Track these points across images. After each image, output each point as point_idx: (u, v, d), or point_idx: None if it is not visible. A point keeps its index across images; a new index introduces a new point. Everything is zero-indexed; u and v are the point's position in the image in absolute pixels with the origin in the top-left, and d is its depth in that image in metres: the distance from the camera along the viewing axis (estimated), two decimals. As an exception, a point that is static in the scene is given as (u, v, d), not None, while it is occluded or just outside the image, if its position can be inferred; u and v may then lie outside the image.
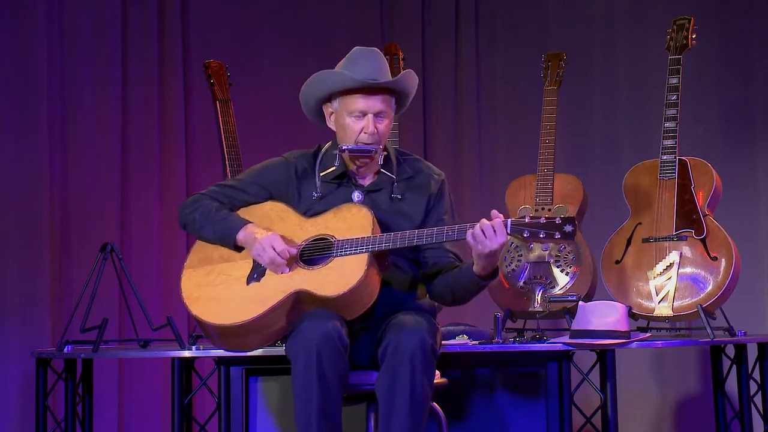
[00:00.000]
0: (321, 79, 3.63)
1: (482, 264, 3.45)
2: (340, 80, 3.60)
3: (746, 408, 4.45)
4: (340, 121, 3.64)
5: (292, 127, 5.25)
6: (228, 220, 3.64)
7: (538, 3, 6.18)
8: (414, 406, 3.33)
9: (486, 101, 6.19)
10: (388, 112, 3.63)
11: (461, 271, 3.55)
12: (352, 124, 3.61)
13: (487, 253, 3.40)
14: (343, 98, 3.62)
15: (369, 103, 3.59)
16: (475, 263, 3.47)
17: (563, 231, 3.36)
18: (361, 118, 3.60)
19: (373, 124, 3.59)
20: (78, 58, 5.40)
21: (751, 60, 5.75)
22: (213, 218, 3.64)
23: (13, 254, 5.15)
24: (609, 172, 5.51)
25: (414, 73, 3.69)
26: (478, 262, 3.46)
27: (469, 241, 3.42)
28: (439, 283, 3.62)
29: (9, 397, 5.08)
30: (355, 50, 3.65)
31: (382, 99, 3.61)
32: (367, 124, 3.59)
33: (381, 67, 3.62)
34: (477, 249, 3.41)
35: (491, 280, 3.53)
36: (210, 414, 4.37)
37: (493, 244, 3.39)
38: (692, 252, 4.49)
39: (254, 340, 3.56)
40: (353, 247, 3.48)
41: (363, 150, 3.61)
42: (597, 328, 4.12)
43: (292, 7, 6.01)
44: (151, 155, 5.54)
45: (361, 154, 3.62)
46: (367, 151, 3.61)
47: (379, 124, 3.61)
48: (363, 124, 3.60)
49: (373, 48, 3.66)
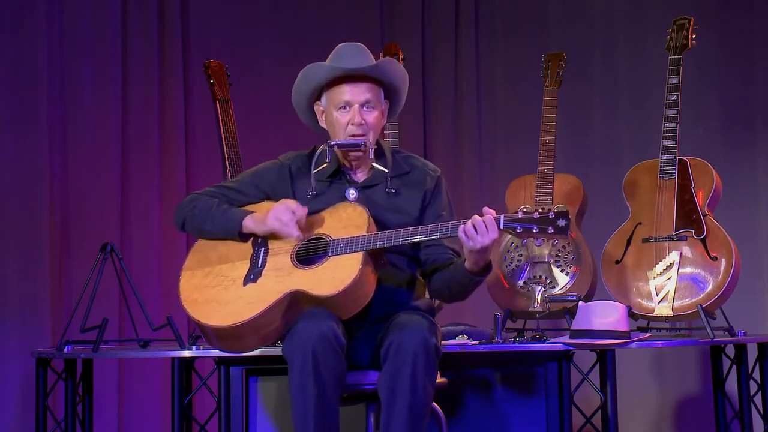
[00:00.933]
0: (304, 74, 3.66)
1: (473, 259, 3.45)
2: (320, 71, 3.62)
3: (746, 408, 4.45)
4: (329, 118, 3.65)
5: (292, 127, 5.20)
6: (231, 211, 3.65)
7: (538, 3, 6.18)
8: (415, 405, 3.33)
9: (486, 101, 6.20)
10: (375, 103, 3.62)
11: (456, 268, 3.55)
12: (339, 117, 3.61)
13: (479, 249, 3.40)
14: (329, 92, 3.64)
15: (354, 91, 3.60)
16: (467, 259, 3.47)
17: (556, 225, 3.36)
18: (347, 110, 3.61)
19: (360, 114, 3.59)
20: (78, 58, 5.40)
21: (751, 60, 5.75)
22: (214, 212, 3.65)
23: (13, 254, 5.15)
24: (609, 172, 5.51)
25: (397, 63, 3.69)
26: (469, 258, 3.46)
27: (461, 237, 3.42)
28: (436, 280, 3.63)
29: (9, 397, 5.08)
30: (339, 46, 3.66)
31: (368, 87, 3.61)
32: (353, 114, 3.60)
33: (365, 57, 3.62)
34: (468, 245, 3.41)
35: (485, 275, 3.53)
36: (210, 414, 4.37)
37: (485, 240, 3.38)
38: (692, 252, 4.49)
39: (252, 341, 3.55)
40: (348, 247, 3.48)
41: (351, 144, 3.60)
42: (597, 328, 4.12)
43: (292, 7, 6.01)
44: (151, 155, 5.54)
45: (350, 148, 3.62)
46: (356, 145, 3.60)
47: (366, 114, 3.60)
48: (350, 115, 3.60)
49: (357, 43, 3.66)
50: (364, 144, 3.60)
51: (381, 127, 3.70)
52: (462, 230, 3.40)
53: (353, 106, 3.61)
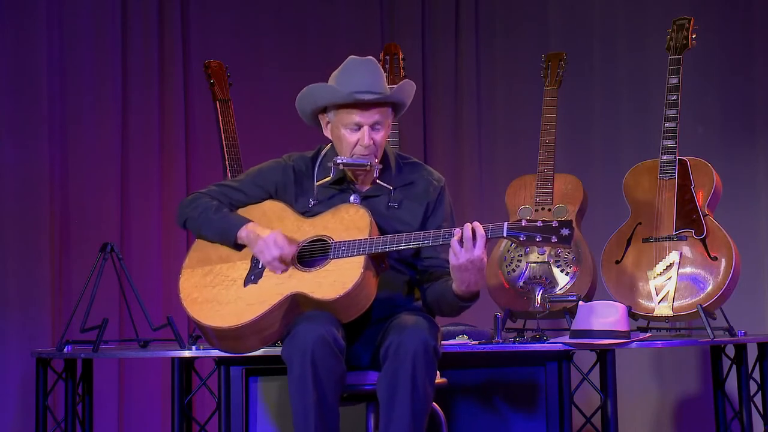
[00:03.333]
0: (312, 92, 3.60)
1: (458, 277, 3.41)
2: (332, 96, 3.57)
3: (746, 408, 4.45)
4: (336, 133, 3.61)
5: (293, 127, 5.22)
6: (229, 217, 3.63)
7: (538, 3, 6.18)
8: (415, 406, 3.33)
9: (486, 101, 6.19)
10: (384, 122, 3.59)
11: (446, 287, 3.51)
12: (347, 136, 3.58)
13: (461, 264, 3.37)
14: (337, 111, 3.58)
15: (364, 116, 3.56)
16: (453, 279, 3.44)
17: (560, 235, 3.34)
18: (356, 130, 3.57)
19: (369, 136, 3.56)
20: (78, 58, 5.40)
21: (751, 60, 5.75)
22: (213, 216, 3.64)
23: (13, 254, 5.15)
24: (609, 172, 5.51)
25: (410, 83, 3.64)
26: (454, 276, 3.42)
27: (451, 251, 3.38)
28: (429, 294, 3.61)
29: (9, 397, 5.08)
30: (348, 61, 3.60)
31: (378, 111, 3.57)
32: (362, 136, 3.56)
33: (376, 78, 3.56)
34: (452, 260, 3.38)
35: (470, 302, 3.50)
36: (210, 414, 4.37)
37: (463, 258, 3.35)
38: (692, 252, 4.49)
39: (252, 342, 3.55)
40: (350, 250, 3.48)
41: (358, 164, 3.58)
42: (597, 328, 4.12)
43: (292, 7, 6.01)
44: (151, 155, 5.54)
45: (356, 168, 3.61)
46: (362, 165, 3.59)
47: (375, 135, 3.57)
48: (359, 136, 3.57)
49: (368, 57, 3.60)
50: (370, 164, 3.58)
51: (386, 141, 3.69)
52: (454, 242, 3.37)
53: (363, 128, 3.57)
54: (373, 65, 3.58)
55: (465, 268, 3.38)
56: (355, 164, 3.59)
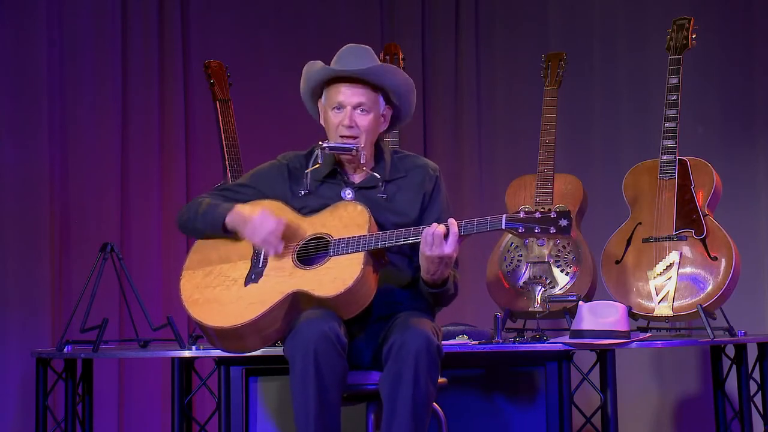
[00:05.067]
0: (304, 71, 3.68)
1: (425, 266, 3.47)
2: (316, 73, 3.63)
3: (746, 408, 4.45)
4: (325, 116, 3.66)
5: (292, 126, 5.25)
6: (218, 207, 3.65)
7: (538, 3, 6.18)
8: (417, 405, 3.33)
9: (486, 101, 6.19)
10: (370, 107, 3.61)
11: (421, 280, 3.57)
12: (332, 117, 3.62)
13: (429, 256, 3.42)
14: (327, 90, 3.64)
15: (347, 93, 3.59)
16: (421, 266, 3.49)
17: (558, 225, 3.36)
18: (341, 111, 3.61)
19: (351, 116, 3.59)
20: (78, 58, 5.41)
21: (751, 60, 5.75)
22: (204, 210, 3.66)
23: (13, 254, 5.15)
24: (609, 172, 5.51)
25: (398, 69, 3.68)
26: (421, 263, 3.48)
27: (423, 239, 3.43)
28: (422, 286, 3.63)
29: (9, 397, 5.08)
30: (345, 46, 3.66)
31: (363, 91, 3.60)
32: (344, 116, 3.59)
33: (366, 60, 3.60)
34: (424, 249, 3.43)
35: (437, 289, 3.53)
36: (210, 414, 4.37)
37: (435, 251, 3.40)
38: (692, 252, 4.49)
39: (253, 341, 3.55)
40: (349, 246, 3.48)
41: (342, 148, 3.59)
42: (597, 328, 4.12)
43: (292, 7, 6.01)
44: (151, 155, 5.54)
45: (340, 152, 3.61)
46: (346, 148, 3.59)
47: (359, 117, 3.59)
48: (341, 116, 3.60)
49: (364, 45, 3.65)
50: (356, 149, 3.59)
51: (378, 131, 3.68)
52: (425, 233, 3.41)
53: (346, 108, 3.60)
54: (364, 50, 3.63)
55: (432, 260, 3.44)
56: (339, 147, 3.59)
